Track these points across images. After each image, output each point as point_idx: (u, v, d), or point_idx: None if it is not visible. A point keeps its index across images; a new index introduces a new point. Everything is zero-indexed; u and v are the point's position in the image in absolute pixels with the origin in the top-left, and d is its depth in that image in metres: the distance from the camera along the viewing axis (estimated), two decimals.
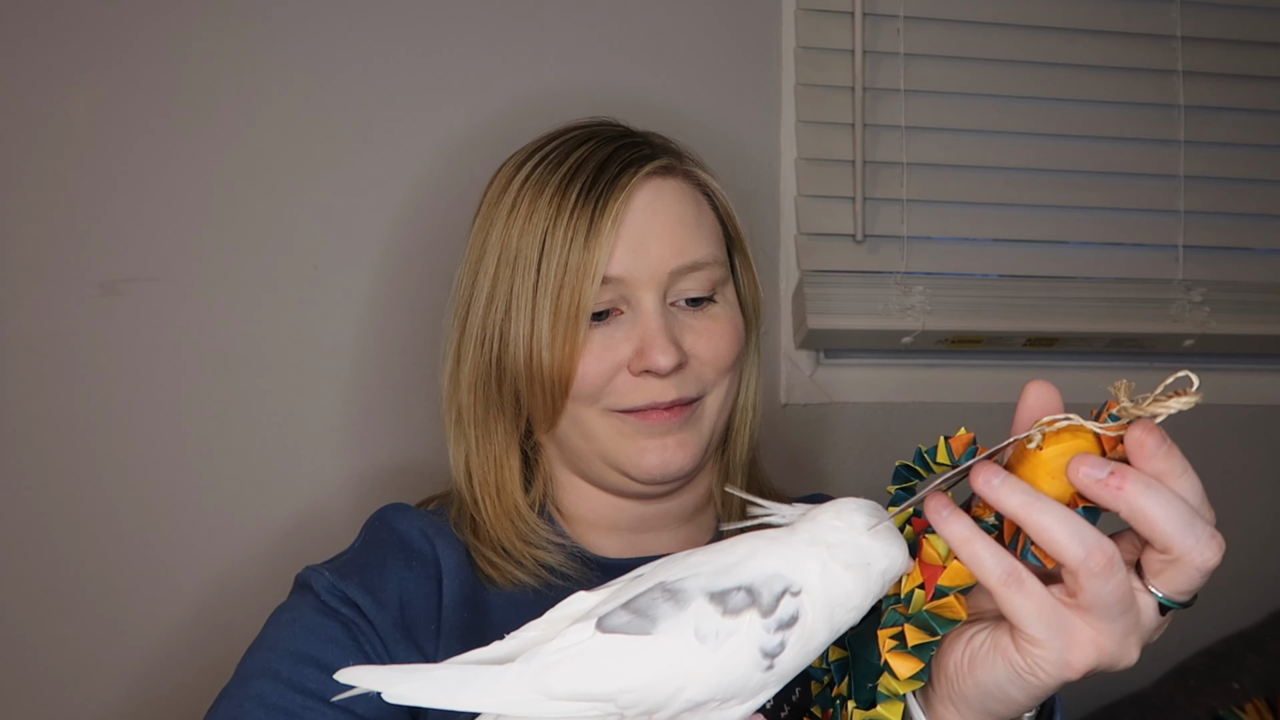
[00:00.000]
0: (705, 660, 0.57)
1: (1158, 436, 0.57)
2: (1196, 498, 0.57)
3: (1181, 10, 1.48)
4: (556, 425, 0.88)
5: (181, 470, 1.25)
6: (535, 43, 1.34)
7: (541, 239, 0.86)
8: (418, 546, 0.88)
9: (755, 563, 0.59)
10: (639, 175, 0.87)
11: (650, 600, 0.58)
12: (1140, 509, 0.56)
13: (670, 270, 0.86)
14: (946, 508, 0.59)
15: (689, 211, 0.89)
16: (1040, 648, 0.58)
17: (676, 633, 0.57)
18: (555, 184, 0.87)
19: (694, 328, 0.88)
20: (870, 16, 1.40)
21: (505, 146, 0.99)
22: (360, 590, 0.84)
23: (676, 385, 0.85)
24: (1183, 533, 0.56)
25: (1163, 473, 0.57)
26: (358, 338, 1.29)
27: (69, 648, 1.22)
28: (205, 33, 1.27)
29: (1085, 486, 0.56)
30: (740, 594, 0.57)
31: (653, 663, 0.57)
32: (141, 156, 1.25)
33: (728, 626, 0.57)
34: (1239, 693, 1.39)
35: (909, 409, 1.44)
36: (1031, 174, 1.45)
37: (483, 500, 0.91)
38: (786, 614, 0.57)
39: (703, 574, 0.59)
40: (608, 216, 0.85)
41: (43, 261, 1.23)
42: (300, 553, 1.25)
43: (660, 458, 0.86)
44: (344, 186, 1.29)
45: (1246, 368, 1.54)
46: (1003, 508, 0.57)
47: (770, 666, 0.58)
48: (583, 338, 0.85)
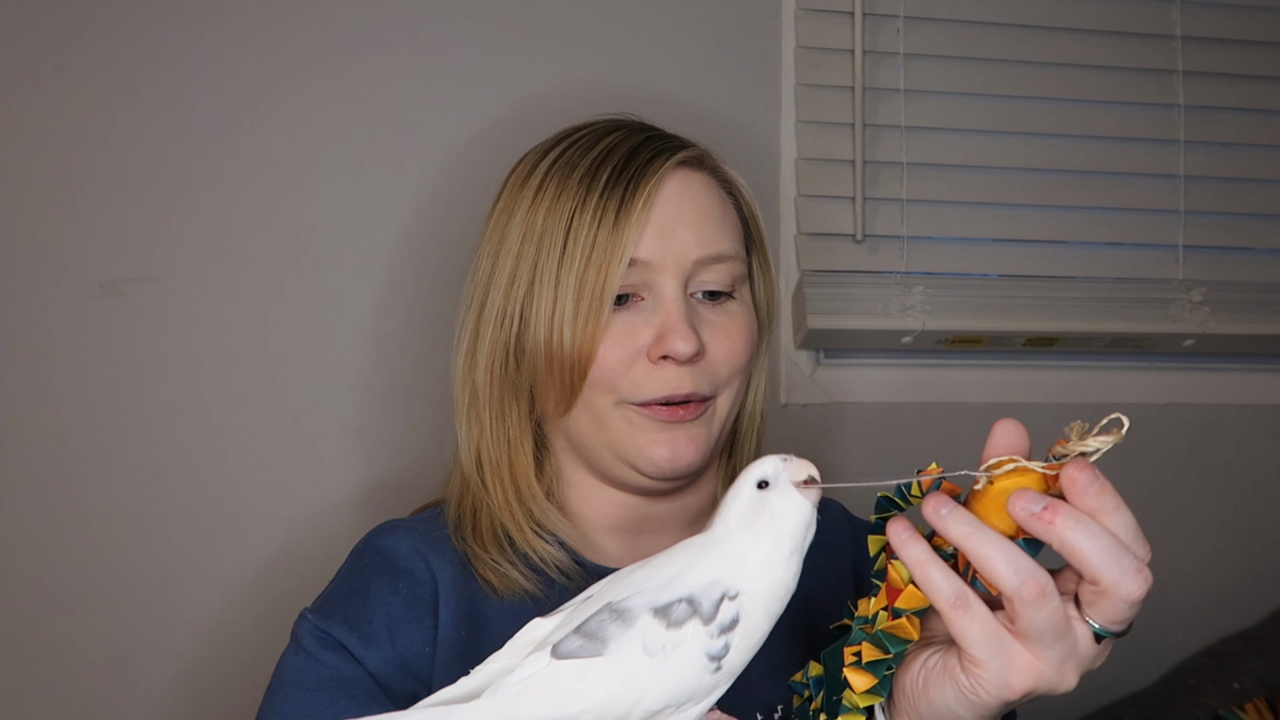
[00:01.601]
0: (656, 673, 0.61)
1: (1089, 474, 0.60)
2: (1128, 533, 0.60)
3: (1181, 10, 1.48)
4: (570, 410, 0.88)
5: (181, 470, 1.25)
6: (535, 43, 1.34)
7: (569, 219, 0.86)
8: (406, 566, 0.87)
9: (693, 574, 0.63)
10: (670, 162, 0.88)
11: (599, 623, 0.62)
12: (1069, 542, 0.59)
13: (695, 259, 0.87)
14: (906, 531, 0.62)
15: (715, 205, 0.90)
16: (982, 669, 0.61)
17: (626, 651, 0.61)
18: (585, 167, 0.87)
19: (711, 322, 0.88)
20: (870, 16, 1.40)
21: (505, 146, 0.99)
22: (344, 628, 0.83)
23: (692, 378, 0.85)
24: (1109, 566, 0.59)
25: (1095, 509, 0.60)
26: (358, 338, 1.29)
27: (69, 648, 1.22)
28: (205, 32, 1.27)
29: (1021, 520, 0.60)
30: (682, 606, 0.62)
31: (607, 682, 0.61)
32: (141, 156, 1.25)
33: (673, 638, 0.61)
34: (1239, 693, 1.39)
35: (909, 409, 1.44)
36: (1031, 174, 1.45)
37: (493, 485, 0.90)
38: (727, 618, 0.62)
39: (645, 590, 0.63)
40: (639, 199, 0.85)
41: (43, 261, 1.23)
42: (300, 554, 1.26)
43: (670, 451, 0.86)
44: (345, 186, 1.29)
45: (1246, 368, 1.54)
46: (948, 536, 0.61)
47: (718, 668, 0.62)
48: (605, 320, 0.85)
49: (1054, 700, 0.65)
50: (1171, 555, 1.50)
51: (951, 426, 1.44)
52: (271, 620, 1.23)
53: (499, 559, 0.88)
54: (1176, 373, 1.51)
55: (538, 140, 0.94)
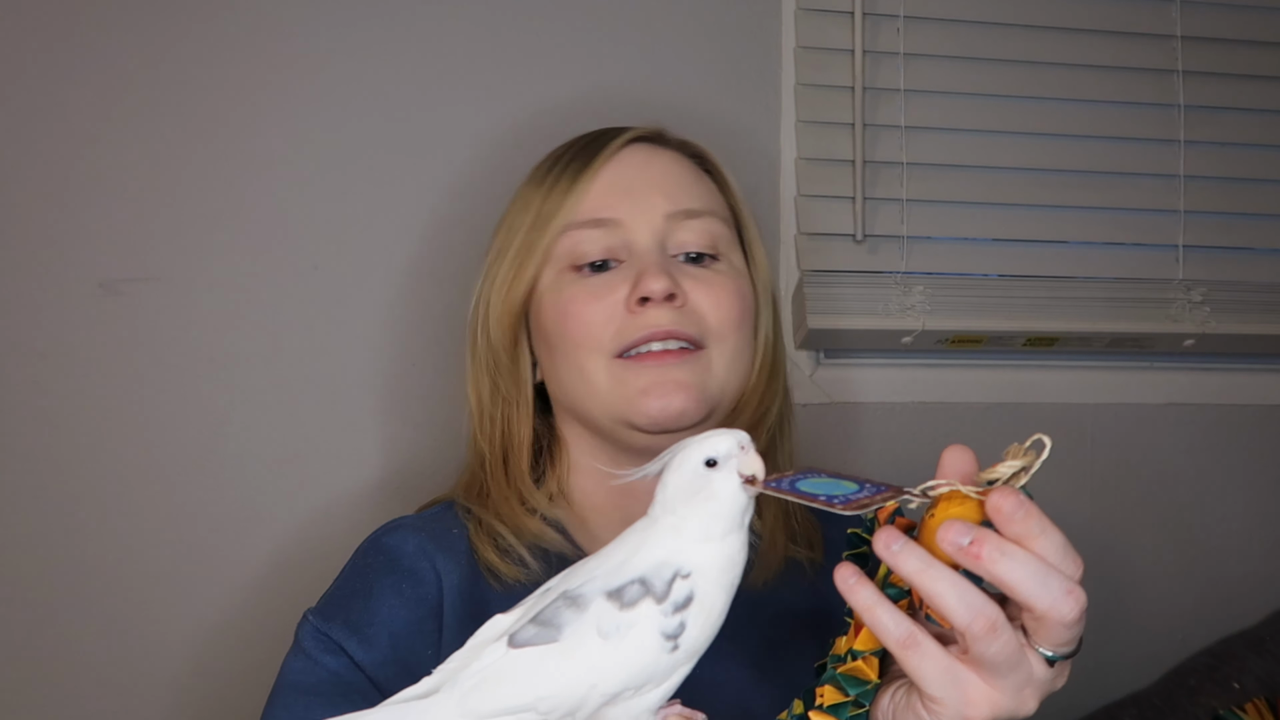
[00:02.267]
0: (611, 655, 0.61)
1: (1013, 501, 0.60)
2: (1056, 554, 0.60)
3: (1181, 10, 1.48)
4: (521, 361, 0.94)
5: (181, 471, 1.25)
6: (533, 44, 1.34)
7: (529, 206, 0.93)
8: (410, 565, 0.87)
9: (643, 555, 0.63)
10: (623, 138, 0.92)
11: (554, 610, 0.62)
12: (997, 574, 0.59)
13: (665, 214, 0.89)
14: (854, 576, 0.63)
15: (685, 171, 0.94)
16: (940, 704, 0.62)
17: (581, 635, 0.61)
18: (550, 159, 0.94)
19: (694, 275, 0.90)
20: (870, 16, 1.40)
21: (503, 145, 1.00)
22: (345, 630, 0.83)
23: (671, 317, 0.86)
24: (1039, 593, 0.59)
25: (1021, 535, 0.60)
26: (357, 338, 1.29)
27: (69, 648, 1.22)
28: (205, 32, 1.26)
29: (951, 553, 0.60)
30: (635, 587, 0.62)
31: (563, 667, 0.61)
32: (141, 156, 1.25)
33: (627, 619, 0.61)
34: (1239, 693, 1.39)
35: (909, 409, 1.44)
36: (1031, 174, 1.45)
37: (493, 469, 0.93)
38: (681, 596, 0.62)
39: (599, 576, 0.63)
40: (588, 172, 0.90)
41: (43, 261, 1.23)
42: (299, 556, 1.26)
43: (660, 399, 0.86)
44: (345, 186, 1.29)
45: (1246, 368, 1.54)
46: (900, 573, 0.61)
47: (675, 647, 0.62)
48: (531, 276, 0.90)
49: (1054, 701, 0.65)
50: (1171, 555, 1.50)
51: (951, 426, 1.43)
52: (274, 622, 1.24)
53: (505, 531, 0.89)
54: (1176, 373, 1.51)
55: (529, 136, 0.98)
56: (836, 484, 0.64)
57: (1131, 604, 1.49)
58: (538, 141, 1.00)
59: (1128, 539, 1.49)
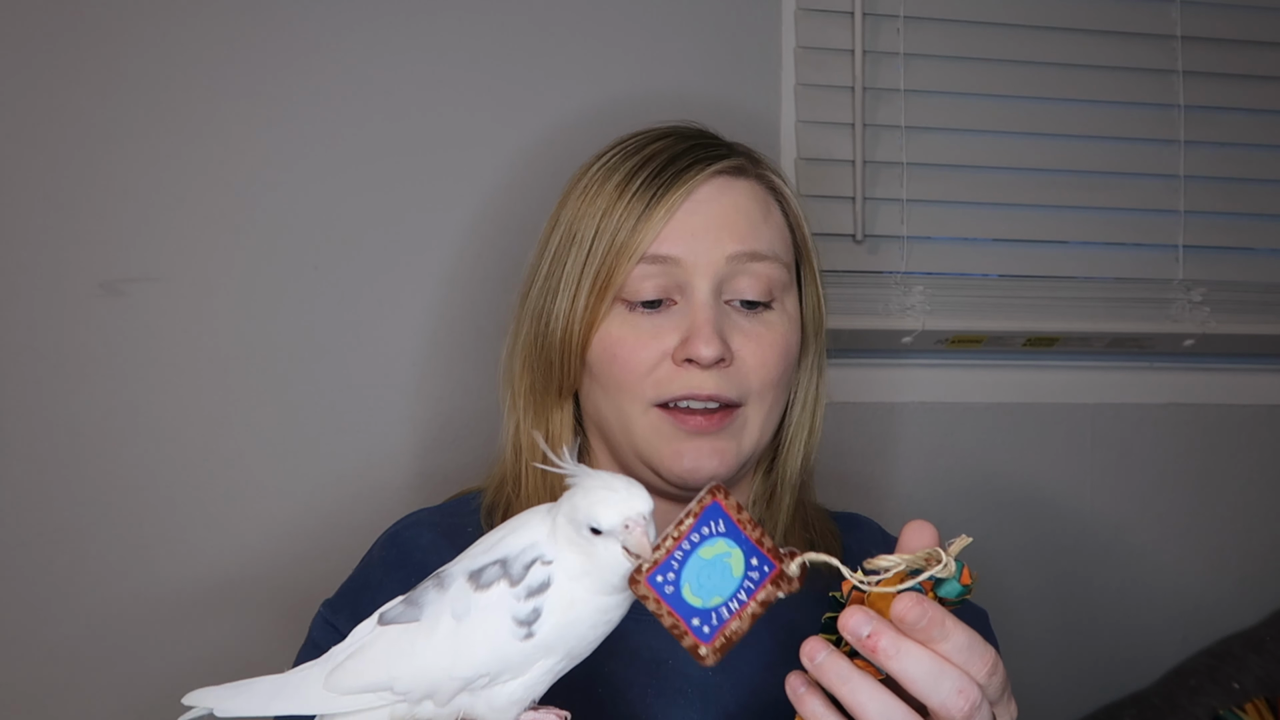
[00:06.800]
0: (463, 637, 0.60)
1: (916, 611, 0.61)
2: (960, 655, 0.62)
3: (1181, 10, 1.48)
4: (582, 404, 0.91)
5: (180, 471, 1.25)
6: (534, 44, 1.34)
7: (599, 220, 0.88)
8: (420, 560, 0.87)
9: (514, 537, 0.62)
10: (707, 170, 0.89)
11: (422, 589, 0.62)
12: (891, 669, 0.62)
13: (727, 255, 0.87)
14: (803, 686, 0.65)
15: (756, 208, 0.91)
16: None
17: (438, 615, 0.60)
18: (625, 170, 0.89)
19: (745, 329, 0.88)
20: (870, 16, 1.40)
21: (504, 145, 1.00)
22: (350, 623, 0.82)
23: (716, 380, 0.85)
24: (931, 690, 0.61)
25: (924, 640, 0.62)
26: (356, 338, 1.29)
27: (68, 649, 1.22)
28: (205, 32, 1.26)
29: (852, 643, 0.62)
30: (494, 568, 0.60)
31: (418, 646, 0.60)
32: (141, 156, 1.25)
33: (480, 600, 0.60)
34: (1239, 693, 1.39)
35: (909, 409, 1.44)
36: (1031, 174, 1.45)
37: (525, 474, 0.91)
38: (536, 581, 0.60)
39: (470, 555, 0.62)
40: (665, 202, 0.87)
41: (43, 261, 1.23)
42: (298, 557, 1.26)
43: (693, 462, 0.86)
44: (345, 186, 1.29)
45: (1246, 368, 1.54)
46: (824, 684, 0.63)
47: (529, 634, 0.60)
48: (604, 313, 0.87)
49: (1054, 700, 0.65)
50: (1172, 555, 1.50)
51: (951, 426, 1.44)
52: (274, 622, 1.23)
53: None
54: (1176, 373, 1.51)
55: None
56: (725, 566, 0.63)
57: (1131, 604, 1.49)
58: (538, 141, 1.00)
59: (1127, 539, 1.49)
